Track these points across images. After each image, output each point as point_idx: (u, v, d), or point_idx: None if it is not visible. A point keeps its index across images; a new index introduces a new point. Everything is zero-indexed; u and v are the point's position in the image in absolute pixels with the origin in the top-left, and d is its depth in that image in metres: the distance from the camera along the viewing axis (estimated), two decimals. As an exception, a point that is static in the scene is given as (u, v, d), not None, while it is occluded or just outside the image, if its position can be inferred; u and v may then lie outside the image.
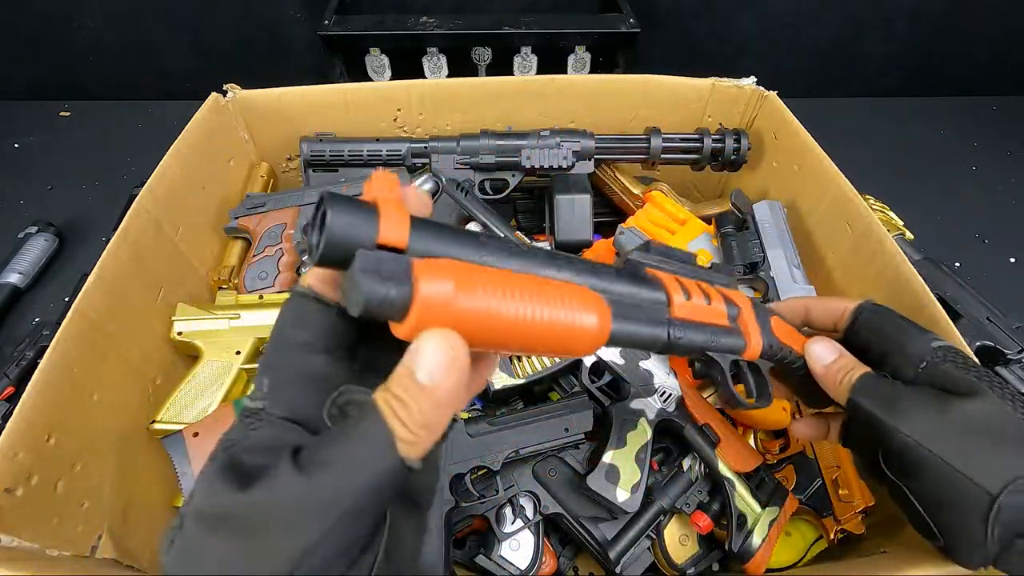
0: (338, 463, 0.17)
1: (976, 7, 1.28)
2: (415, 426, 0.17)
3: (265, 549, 0.16)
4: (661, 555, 0.55)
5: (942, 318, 0.49)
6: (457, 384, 0.18)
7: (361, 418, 0.17)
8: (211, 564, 0.16)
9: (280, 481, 0.16)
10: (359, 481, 0.17)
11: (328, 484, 0.16)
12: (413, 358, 0.18)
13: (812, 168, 0.68)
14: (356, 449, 0.17)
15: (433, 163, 0.74)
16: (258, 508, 0.16)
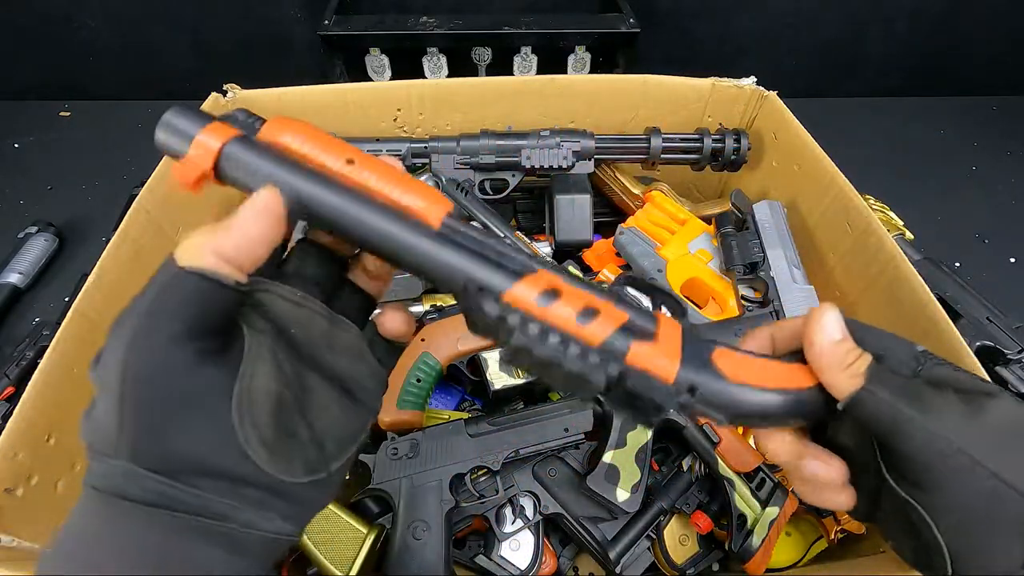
0: (142, 289, 0.21)
1: (976, 7, 1.28)
2: (209, 250, 0.21)
3: (112, 356, 0.20)
4: (661, 555, 0.55)
5: (942, 318, 0.49)
6: (266, 209, 0.23)
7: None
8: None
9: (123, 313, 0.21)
10: (148, 293, 0.21)
11: (132, 305, 0.21)
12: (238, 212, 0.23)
13: (812, 168, 0.68)
14: (154, 275, 0.21)
15: (433, 163, 0.74)
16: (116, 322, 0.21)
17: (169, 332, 0.20)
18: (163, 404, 0.20)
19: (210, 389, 0.21)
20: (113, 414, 0.20)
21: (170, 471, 0.20)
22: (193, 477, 0.20)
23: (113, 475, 0.20)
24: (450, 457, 0.52)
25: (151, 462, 0.20)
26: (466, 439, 0.53)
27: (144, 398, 0.20)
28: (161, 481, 0.20)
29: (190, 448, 0.20)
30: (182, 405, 0.20)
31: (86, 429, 0.21)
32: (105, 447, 0.20)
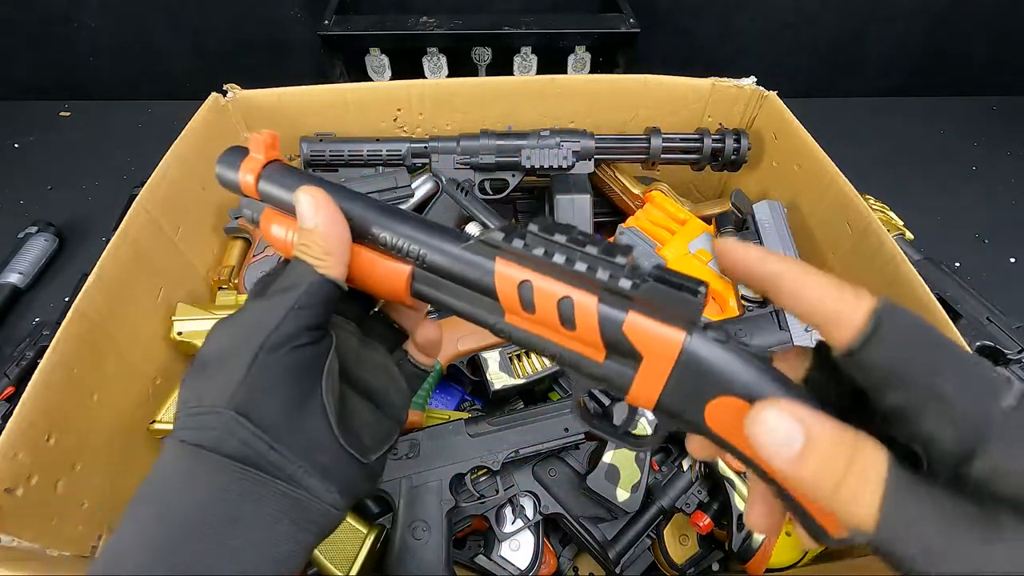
0: (281, 286, 0.26)
1: (976, 7, 1.28)
2: (319, 252, 0.26)
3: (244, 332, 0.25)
4: (661, 555, 0.55)
5: (942, 318, 0.49)
6: (329, 219, 0.26)
7: (290, 264, 0.27)
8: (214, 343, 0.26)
9: (248, 306, 0.27)
10: (296, 291, 0.25)
11: (277, 297, 0.26)
12: (298, 217, 0.27)
13: (812, 168, 0.68)
14: (290, 277, 0.26)
15: (433, 163, 0.74)
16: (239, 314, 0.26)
17: (309, 322, 0.25)
18: (280, 372, 0.24)
19: (311, 366, 0.26)
20: (239, 370, 0.24)
21: (266, 427, 0.24)
22: (282, 435, 0.24)
23: (213, 427, 0.23)
24: (450, 457, 0.52)
25: (256, 416, 0.24)
26: (466, 439, 0.53)
27: (270, 363, 0.24)
28: (258, 435, 0.23)
29: (287, 408, 0.24)
30: (291, 374, 0.25)
31: (195, 385, 0.25)
32: (217, 399, 0.24)
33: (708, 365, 0.22)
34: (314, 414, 0.25)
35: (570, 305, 0.23)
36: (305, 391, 0.25)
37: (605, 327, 0.23)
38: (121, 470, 0.50)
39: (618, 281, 0.23)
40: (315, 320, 0.26)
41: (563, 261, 0.23)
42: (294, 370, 0.25)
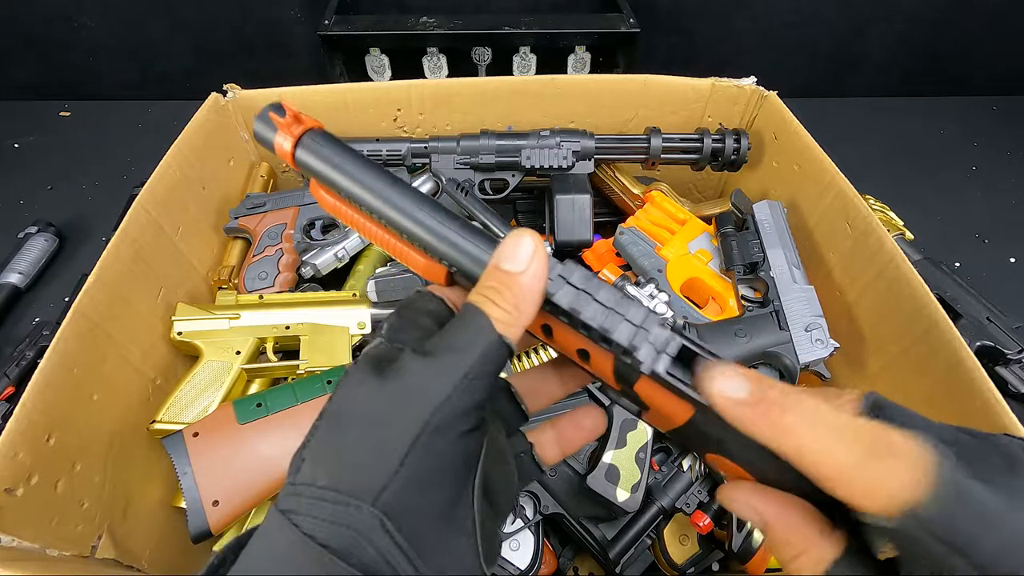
0: (452, 343, 0.20)
1: (976, 7, 1.28)
2: (508, 306, 0.20)
3: (403, 396, 0.19)
4: (661, 555, 0.55)
5: (942, 318, 0.49)
6: (539, 271, 0.21)
7: (464, 313, 0.21)
8: (359, 403, 0.20)
9: (409, 361, 0.20)
10: (471, 354, 0.20)
11: (445, 358, 0.20)
12: (499, 255, 0.21)
13: (812, 168, 0.68)
14: (464, 332, 0.20)
15: (433, 163, 0.74)
16: (392, 376, 0.20)
17: (479, 399, 0.20)
18: (443, 466, 0.19)
19: (469, 461, 0.20)
20: (396, 456, 0.18)
21: (413, 539, 0.18)
22: (426, 551, 0.19)
23: (350, 526, 0.18)
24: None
25: (407, 524, 0.18)
26: (466, 439, 0.53)
27: (433, 452, 0.19)
28: (403, 549, 0.18)
29: (440, 516, 0.19)
30: (451, 471, 0.20)
31: (330, 454, 0.19)
32: (361, 488, 0.18)
33: (710, 435, 0.21)
34: (463, 525, 0.20)
35: (587, 354, 0.23)
36: (458, 493, 0.20)
37: (619, 378, 0.23)
38: (121, 470, 0.50)
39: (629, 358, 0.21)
40: (483, 396, 0.20)
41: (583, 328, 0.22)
42: (455, 465, 0.20)
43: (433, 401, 0.19)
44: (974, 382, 0.46)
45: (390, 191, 0.24)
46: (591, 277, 0.22)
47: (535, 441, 0.27)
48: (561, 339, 0.24)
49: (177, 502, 0.54)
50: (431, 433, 0.19)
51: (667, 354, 0.21)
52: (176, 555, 0.54)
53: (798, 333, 0.57)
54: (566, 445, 0.28)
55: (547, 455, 0.27)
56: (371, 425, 0.19)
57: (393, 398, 0.19)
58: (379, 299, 0.65)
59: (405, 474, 0.18)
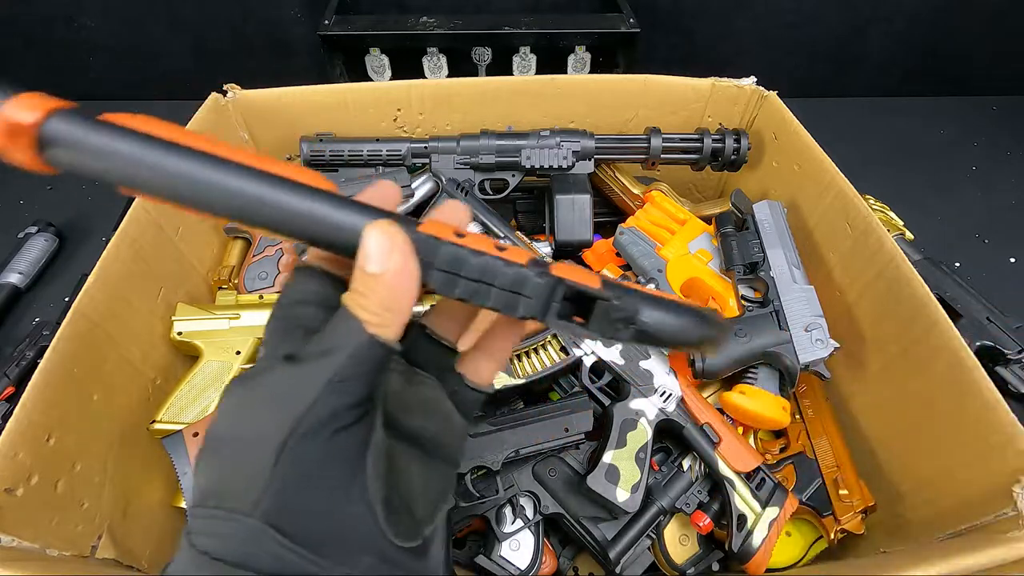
0: (322, 347, 0.20)
1: (976, 7, 1.28)
2: (378, 308, 0.20)
3: (269, 408, 0.20)
4: (661, 555, 0.55)
5: (942, 318, 0.49)
6: (402, 267, 0.20)
7: (338, 315, 0.21)
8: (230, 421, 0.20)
9: (275, 372, 0.20)
10: (338, 358, 0.20)
11: (311, 364, 0.20)
12: (361, 255, 0.20)
13: (812, 168, 0.68)
14: (333, 336, 0.20)
15: (433, 163, 0.74)
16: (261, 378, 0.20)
17: (352, 399, 0.20)
18: (315, 465, 0.20)
19: (354, 450, 0.21)
20: (265, 464, 0.19)
21: (301, 538, 0.19)
22: (321, 544, 0.20)
23: (238, 537, 0.19)
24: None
25: (289, 526, 0.19)
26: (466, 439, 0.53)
27: (304, 456, 0.19)
28: (293, 549, 0.19)
29: (325, 510, 0.20)
30: (328, 466, 0.20)
31: (212, 474, 0.20)
32: (240, 501, 0.19)
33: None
34: (357, 510, 0.20)
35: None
36: (346, 483, 0.20)
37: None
38: (121, 470, 0.50)
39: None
40: (359, 394, 0.20)
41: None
42: (332, 460, 0.20)
43: (296, 409, 0.19)
44: (974, 382, 0.46)
45: (204, 174, 0.20)
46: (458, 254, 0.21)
47: (465, 370, 0.27)
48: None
49: (177, 502, 0.54)
50: (299, 439, 0.19)
51: (555, 303, 0.21)
52: (176, 555, 0.54)
53: (798, 333, 0.57)
54: (496, 356, 0.27)
55: (483, 375, 0.27)
56: (241, 440, 0.20)
57: (261, 412, 0.20)
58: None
59: (278, 481, 0.19)
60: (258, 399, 0.20)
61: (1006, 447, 0.43)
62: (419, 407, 0.24)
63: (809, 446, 0.61)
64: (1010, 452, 0.43)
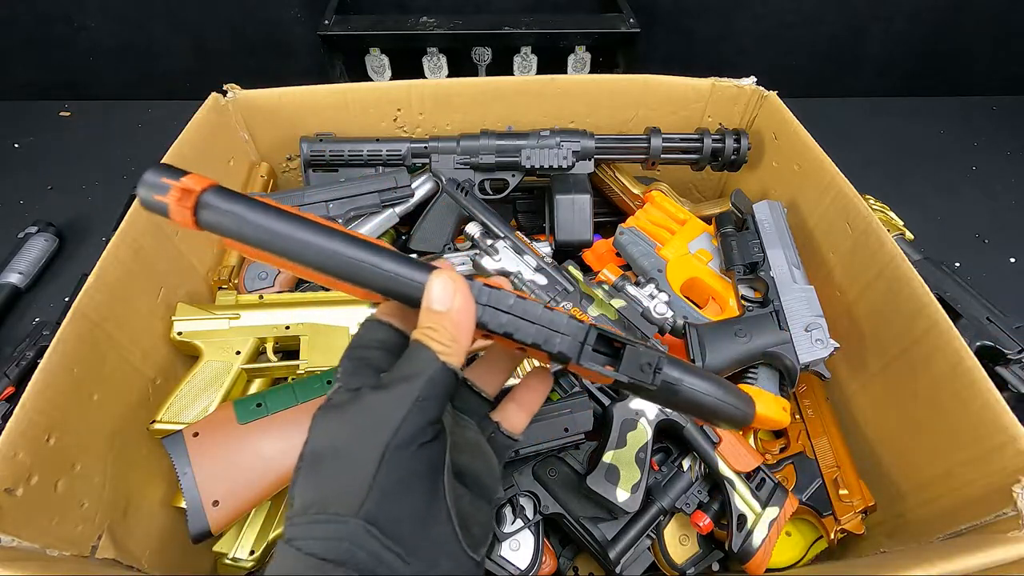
0: (403, 375, 0.24)
1: (976, 7, 1.28)
2: (445, 340, 0.24)
3: (365, 427, 0.23)
4: (661, 555, 0.55)
5: (942, 318, 0.49)
6: (464, 305, 0.24)
7: (411, 348, 0.25)
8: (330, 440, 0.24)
9: (365, 398, 0.24)
10: (419, 381, 0.23)
11: (398, 388, 0.23)
12: (427, 298, 0.24)
13: (812, 168, 0.68)
14: (412, 365, 0.24)
15: (433, 163, 0.74)
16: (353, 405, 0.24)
17: (432, 416, 0.24)
18: (408, 474, 0.23)
19: (435, 465, 0.24)
20: (366, 472, 0.22)
21: (397, 537, 0.22)
22: (413, 546, 0.22)
23: (341, 538, 0.21)
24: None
25: (388, 526, 0.22)
26: (466, 439, 0.53)
27: (398, 464, 0.22)
28: (390, 547, 0.22)
29: (416, 515, 0.23)
30: (418, 476, 0.23)
31: (314, 486, 0.23)
32: (343, 505, 0.22)
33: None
34: (439, 518, 0.24)
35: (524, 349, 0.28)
36: (430, 494, 0.24)
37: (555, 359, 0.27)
38: (121, 470, 0.50)
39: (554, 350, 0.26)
40: (435, 413, 0.24)
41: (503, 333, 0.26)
42: (421, 471, 0.23)
43: (392, 424, 0.23)
44: (974, 382, 0.46)
45: (310, 238, 0.24)
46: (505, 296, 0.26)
47: (500, 418, 0.31)
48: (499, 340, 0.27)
49: (177, 502, 0.54)
50: (394, 450, 0.22)
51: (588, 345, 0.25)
52: (176, 555, 0.54)
53: (798, 333, 0.57)
54: (527, 407, 0.32)
55: (514, 424, 0.31)
56: (343, 455, 0.23)
57: (359, 429, 0.23)
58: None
59: (379, 487, 0.22)
60: (353, 420, 0.23)
61: (1006, 447, 0.43)
62: (466, 447, 0.28)
63: (809, 446, 0.61)
64: (1010, 452, 0.43)
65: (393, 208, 0.74)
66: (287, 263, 0.25)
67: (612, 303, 0.61)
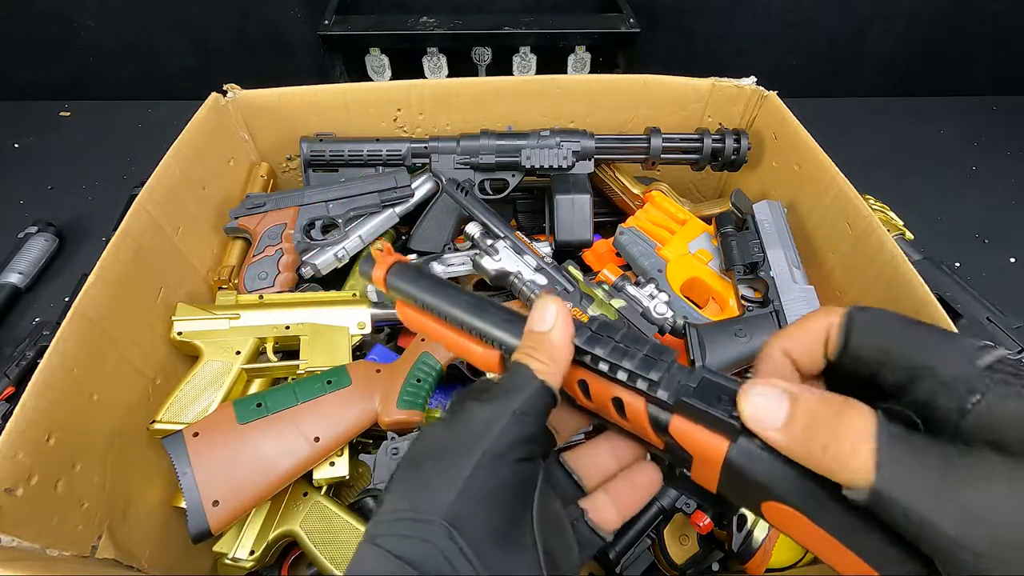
0: (504, 389, 0.24)
1: (976, 7, 1.28)
2: (545, 358, 0.25)
3: (466, 434, 0.23)
4: (661, 555, 0.55)
5: (942, 318, 0.49)
6: (563, 327, 0.25)
7: (512, 368, 0.25)
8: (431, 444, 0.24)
9: (469, 409, 0.24)
10: (520, 395, 0.24)
11: (499, 400, 0.24)
12: (531, 320, 0.26)
13: (812, 168, 0.68)
14: (512, 380, 0.24)
15: (433, 163, 0.74)
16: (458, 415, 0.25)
17: (528, 432, 0.24)
18: (499, 485, 0.23)
19: (526, 488, 0.24)
20: (459, 475, 0.22)
21: (476, 546, 0.21)
22: (491, 561, 0.22)
23: (423, 538, 0.21)
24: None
25: (470, 532, 0.22)
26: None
27: (491, 472, 0.23)
28: (467, 555, 0.21)
29: (500, 531, 0.22)
30: (508, 491, 0.23)
31: (408, 487, 0.23)
32: (432, 506, 0.22)
33: (752, 476, 0.21)
34: (524, 544, 0.23)
35: (621, 403, 0.25)
36: (518, 516, 0.23)
37: (655, 425, 0.25)
38: (121, 470, 0.50)
39: (656, 391, 0.24)
40: (534, 430, 0.24)
41: (607, 369, 0.25)
42: (513, 489, 0.23)
43: (491, 432, 0.23)
44: (974, 382, 0.46)
45: (459, 300, 0.28)
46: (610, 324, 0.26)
47: (589, 507, 0.29)
48: (596, 393, 0.26)
49: (177, 502, 0.54)
50: (490, 458, 0.22)
51: (689, 384, 0.23)
52: (176, 555, 0.54)
53: (798, 333, 0.57)
54: (623, 508, 0.29)
55: (605, 520, 0.28)
56: (441, 457, 0.23)
57: (458, 434, 0.24)
58: (379, 299, 0.65)
59: (469, 492, 0.22)
60: (455, 428, 0.24)
61: (1006, 447, 0.43)
62: (551, 519, 0.26)
63: (809, 446, 0.61)
64: (1010, 452, 0.43)
65: (393, 208, 0.74)
66: (435, 325, 0.30)
67: (612, 303, 0.61)
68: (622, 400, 0.25)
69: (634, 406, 0.25)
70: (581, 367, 0.26)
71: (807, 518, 0.20)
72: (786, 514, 0.21)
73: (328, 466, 0.52)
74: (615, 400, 0.25)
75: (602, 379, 0.26)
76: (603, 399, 0.26)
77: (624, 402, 0.25)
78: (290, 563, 0.57)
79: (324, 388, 0.53)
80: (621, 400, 0.25)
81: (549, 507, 0.26)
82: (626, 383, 0.25)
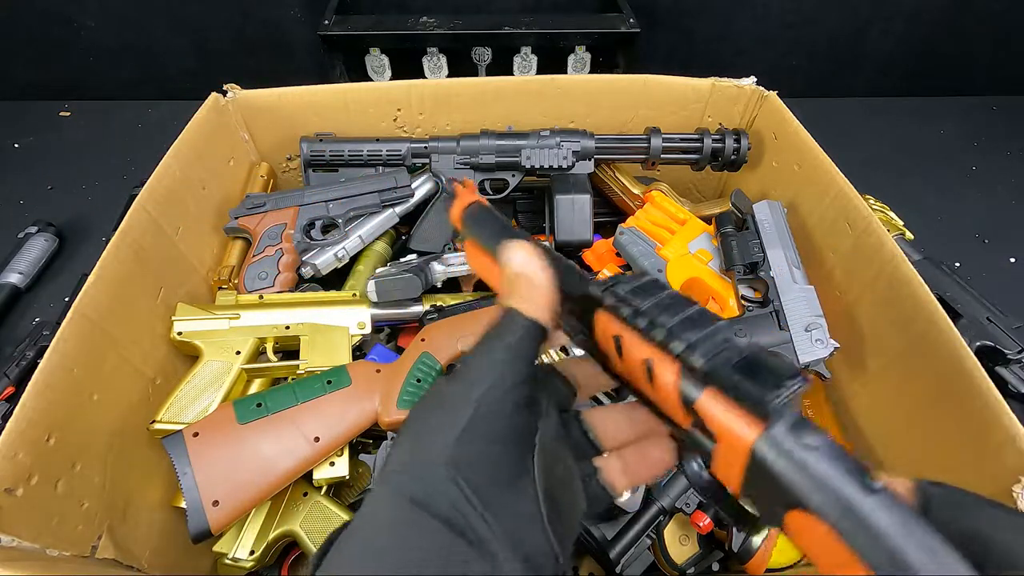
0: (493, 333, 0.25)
1: (976, 7, 1.28)
2: (524, 293, 0.26)
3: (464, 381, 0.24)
4: (661, 555, 0.55)
5: (942, 318, 0.49)
6: (539, 267, 0.26)
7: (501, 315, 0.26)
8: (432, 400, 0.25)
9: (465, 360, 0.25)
10: (510, 334, 0.25)
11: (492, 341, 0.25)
12: (506, 267, 0.27)
13: (812, 168, 0.68)
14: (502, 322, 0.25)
15: (433, 163, 0.74)
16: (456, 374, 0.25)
17: (522, 369, 0.24)
18: (498, 430, 0.23)
19: (525, 433, 0.24)
20: (459, 420, 0.23)
21: (477, 489, 0.22)
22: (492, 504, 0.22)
23: (427, 480, 0.22)
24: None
25: (470, 474, 0.22)
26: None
27: (489, 417, 0.23)
28: (469, 498, 0.21)
29: (500, 475, 0.23)
30: (506, 436, 0.23)
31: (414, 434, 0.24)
32: (434, 450, 0.22)
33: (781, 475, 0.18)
34: (524, 491, 0.23)
35: (651, 367, 0.23)
36: (517, 462, 0.23)
37: (684, 397, 0.22)
38: (121, 470, 0.50)
39: (690, 356, 0.21)
40: (526, 366, 0.24)
41: (644, 325, 0.23)
42: (510, 433, 0.23)
43: (487, 377, 0.23)
44: (974, 382, 0.46)
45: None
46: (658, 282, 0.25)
47: (603, 466, 0.28)
48: (629, 353, 0.24)
49: (177, 502, 0.54)
50: (489, 403, 0.23)
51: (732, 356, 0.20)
52: (176, 555, 0.54)
53: (798, 333, 0.57)
54: (632, 476, 0.29)
55: (615, 482, 0.28)
56: (440, 407, 0.24)
57: (456, 384, 0.24)
58: (379, 299, 0.65)
59: (468, 436, 0.22)
60: (456, 378, 0.24)
61: (1006, 447, 0.43)
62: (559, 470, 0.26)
63: (809, 446, 0.60)
64: (1010, 452, 0.43)
65: (393, 208, 0.74)
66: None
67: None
68: (652, 367, 0.22)
69: (665, 373, 0.22)
70: (619, 320, 0.24)
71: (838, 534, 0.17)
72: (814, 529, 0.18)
73: (328, 466, 0.52)
74: (647, 363, 0.23)
75: (637, 336, 0.23)
76: (635, 361, 0.23)
77: (655, 366, 0.22)
78: (290, 563, 0.57)
79: (324, 388, 0.53)
80: (651, 368, 0.22)
81: (560, 456, 0.26)
82: (662, 343, 0.22)
